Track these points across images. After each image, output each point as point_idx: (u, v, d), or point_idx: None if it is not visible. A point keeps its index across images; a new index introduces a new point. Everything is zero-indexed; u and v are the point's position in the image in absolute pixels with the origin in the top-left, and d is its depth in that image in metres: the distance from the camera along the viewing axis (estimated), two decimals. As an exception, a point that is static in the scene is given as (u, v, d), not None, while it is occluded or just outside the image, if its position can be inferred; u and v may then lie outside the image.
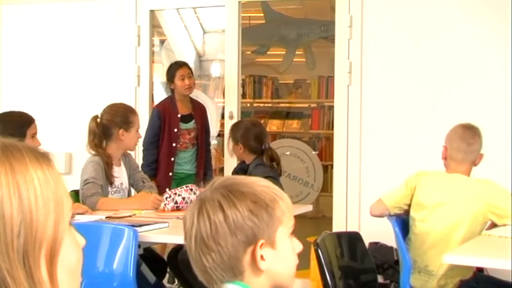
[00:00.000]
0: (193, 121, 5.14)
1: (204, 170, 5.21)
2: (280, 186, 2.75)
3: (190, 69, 5.19)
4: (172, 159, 5.06)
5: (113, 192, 4.01)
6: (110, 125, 3.99)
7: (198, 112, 5.21)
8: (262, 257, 1.44)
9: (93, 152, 3.95)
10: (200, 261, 1.45)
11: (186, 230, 1.48)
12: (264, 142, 4.46)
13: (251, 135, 4.42)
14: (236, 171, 4.56)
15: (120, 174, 4.08)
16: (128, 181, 4.15)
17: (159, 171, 5.05)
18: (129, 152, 4.23)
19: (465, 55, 4.78)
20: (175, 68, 5.14)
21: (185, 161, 5.14)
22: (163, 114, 5.05)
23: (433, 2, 4.86)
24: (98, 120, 4.00)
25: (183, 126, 5.10)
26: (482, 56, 4.74)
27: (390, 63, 4.95)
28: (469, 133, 3.56)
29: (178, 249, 4.12)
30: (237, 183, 1.48)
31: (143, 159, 5.10)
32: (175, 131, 5.05)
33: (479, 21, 4.74)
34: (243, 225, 1.43)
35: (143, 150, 5.10)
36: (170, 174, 5.06)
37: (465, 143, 3.54)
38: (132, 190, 4.25)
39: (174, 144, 5.06)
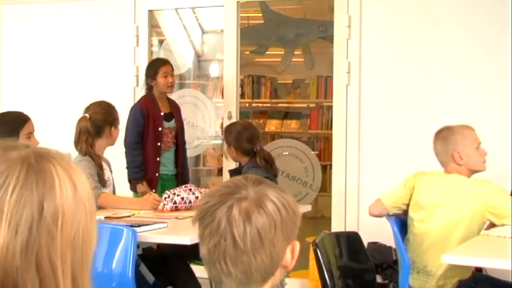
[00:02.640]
0: (174, 120, 5.07)
1: (181, 170, 5.13)
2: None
3: (172, 67, 5.10)
4: (158, 159, 4.95)
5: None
6: (103, 124, 3.99)
7: (176, 111, 5.14)
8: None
9: (83, 153, 3.92)
10: (247, 260, 1.39)
11: (229, 229, 1.39)
12: (255, 144, 4.47)
13: (243, 139, 4.44)
14: (231, 173, 4.57)
15: (106, 169, 4.08)
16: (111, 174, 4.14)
17: (146, 172, 4.93)
18: None
19: (464, 55, 4.79)
20: (159, 64, 5.01)
21: (168, 161, 5.05)
22: (147, 112, 4.91)
23: (431, 2, 4.86)
24: (88, 119, 3.99)
25: (165, 124, 5.00)
26: (482, 56, 4.75)
27: (389, 63, 4.95)
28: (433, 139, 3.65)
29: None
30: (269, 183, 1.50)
31: (130, 161, 4.91)
32: (159, 129, 4.94)
33: (478, 22, 4.74)
34: (291, 227, 1.44)
35: (128, 151, 4.91)
36: (157, 174, 4.96)
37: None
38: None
39: (159, 144, 4.95)
